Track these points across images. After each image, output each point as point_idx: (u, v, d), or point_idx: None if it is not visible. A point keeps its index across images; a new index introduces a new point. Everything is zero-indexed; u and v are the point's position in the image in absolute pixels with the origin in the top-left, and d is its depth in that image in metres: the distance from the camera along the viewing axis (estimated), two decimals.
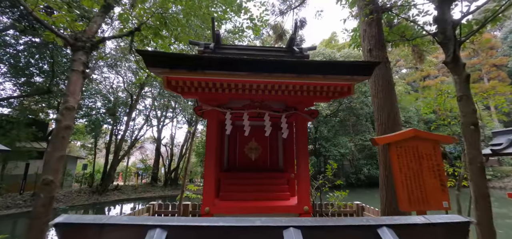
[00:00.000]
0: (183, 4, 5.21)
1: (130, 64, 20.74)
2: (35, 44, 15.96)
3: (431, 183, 2.39)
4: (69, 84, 3.19)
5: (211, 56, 2.74)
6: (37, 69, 17.58)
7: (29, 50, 16.21)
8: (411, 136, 2.45)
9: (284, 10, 9.08)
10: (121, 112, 24.63)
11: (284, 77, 2.62)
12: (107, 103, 23.91)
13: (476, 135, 2.95)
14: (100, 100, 23.77)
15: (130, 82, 23.08)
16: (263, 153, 4.22)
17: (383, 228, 1.03)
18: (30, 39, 15.61)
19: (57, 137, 2.94)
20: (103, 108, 23.78)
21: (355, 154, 26.34)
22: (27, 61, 16.69)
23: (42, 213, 2.70)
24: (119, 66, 21.32)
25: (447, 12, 3.51)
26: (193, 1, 5.36)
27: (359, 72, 2.55)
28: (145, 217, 1.01)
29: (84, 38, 3.46)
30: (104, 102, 23.70)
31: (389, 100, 4.07)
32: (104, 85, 24.13)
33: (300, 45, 4.88)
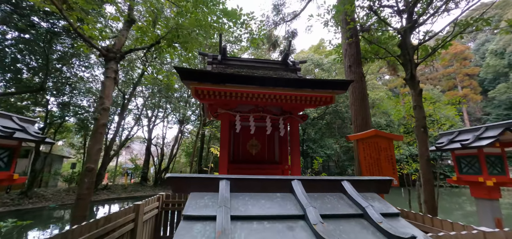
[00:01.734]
0: (189, 20, 5.97)
1: (123, 63, 20.89)
2: (22, 40, 15.84)
3: (386, 167, 3.35)
4: (103, 89, 3.86)
5: (230, 73, 3.55)
6: (24, 66, 17.42)
7: (17, 46, 16.07)
8: (373, 134, 3.41)
9: (278, 22, 10.02)
10: (112, 111, 24.56)
11: (283, 90, 3.50)
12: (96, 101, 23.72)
13: (424, 136, 3.97)
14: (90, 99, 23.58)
15: (122, 81, 23.11)
16: (262, 149, 5.07)
17: (344, 181, 1.92)
18: (19, 35, 15.54)
19: (96, 133, 3.59)
20: (92, 107, 23.61)
21: (340, 156, 27.85)
22: (14, 57, 16.52)
23: (87, 194, 3.32)
24: None
25: (408, 40, 4.54)
26: (198, 17, 6.14)
27: (338, 87, 3.48)
28: (218, 175, 1.82)
29: (115, 50, 4.13)
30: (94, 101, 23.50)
31: (363, 107, 5.07)
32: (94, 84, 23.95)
33: (292, 52, 5.77)
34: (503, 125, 3.50)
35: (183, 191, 1.75)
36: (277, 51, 12.18)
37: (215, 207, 1.48)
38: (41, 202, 17.81)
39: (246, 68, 5.08)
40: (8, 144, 3.20)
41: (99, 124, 3.57)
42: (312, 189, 1.82)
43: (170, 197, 6.31)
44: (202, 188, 1.72)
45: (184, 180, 1.73)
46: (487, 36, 46.36)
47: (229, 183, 1.76)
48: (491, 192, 3.56)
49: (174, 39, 5.24)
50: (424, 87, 37.37)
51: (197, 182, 1.72)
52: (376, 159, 3.33)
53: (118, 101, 24.24)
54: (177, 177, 1.74)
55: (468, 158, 3.80)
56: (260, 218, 1.43)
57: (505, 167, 3.64)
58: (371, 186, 1.95)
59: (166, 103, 27.82)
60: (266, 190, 1.78)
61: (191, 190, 1.71)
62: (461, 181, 3.88)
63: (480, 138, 3.63)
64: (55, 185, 24.35)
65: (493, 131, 3.58)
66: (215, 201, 1.57)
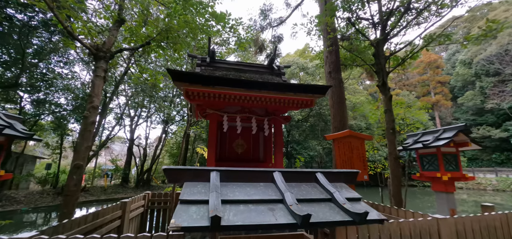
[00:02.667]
0: (178, 20, 6.12)
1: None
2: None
3: (357, 164, 3.75)
4: (93, 87, 3.93)
5: (218, 76, 3.78)
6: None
7: None
8: (347, 135, 3.81)
9: (265, 26, 10.36)
10: None
11: (267, 93, 3.79)
12: (75, 100, 22.72)
13: (393, 137, 4.47)
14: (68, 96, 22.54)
15: None
16: (247, 148, 5.33)
17: (318, 173, 2.24)
18: None
19: (85, 131, 3.66)
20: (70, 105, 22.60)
21: (323, 157, 28.79)
22: None
23: (74, 191, 3.37)
24: None
25: (380, 50, 5.05)
26: (187, 20, 6.31)
27: (317, 92, 3.84)
28: (209, 167, 2.06)
29: (105, 49, 4.20)
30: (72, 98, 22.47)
31: (341, 110, 5.52)
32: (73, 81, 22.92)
33: (278, 56, 6.09)
34: (457, 128, 4.04)
35: (177, 181, 1.97)
36: (264, 54, 12.56)
37: (208, 193, 1.72)
38: (11, 205, 16.82)
39: (234, 71, 5.33)
40: None
41: (88, 122, 3.62)
42: (291, 179, 2.12)
43: (156, 196, 6.40)
44: (195, 178, 1.95)
45: (179, 171, 1.96)
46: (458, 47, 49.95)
47: (219, 174, 2.01)
48: (447, 186, 4.09)
49: (164, 40, 5.38)
50: (401, 93, 39.65)
51: (191, 173, 1.96)
52: (349, 157, 3.74)
53: None
54: (173, 169, 1.96)
55: (428, 156, 4.33)
56: (246, 202, 1.70)
57: (458, 164, 4.19)
58: (340, 177, 2.29)
59: (150, 102, 27.21)
60: (251, 180, 2.06)
61: (185, 180, 1.94)
62: (423, 176, 4.40)
63: (438, 139, 4.16)
64: (27, 187, 22.96)
65: (449, 133, 4.12)
66: (207, 189, 1.81)
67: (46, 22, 15.85)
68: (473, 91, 39.55)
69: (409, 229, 2.95)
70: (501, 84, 35.40)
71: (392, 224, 2.89)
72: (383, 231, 2.83)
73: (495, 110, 35.97)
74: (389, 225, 2.85)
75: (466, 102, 39.78)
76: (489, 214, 3.47)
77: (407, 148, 4.46)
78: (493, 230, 3.42)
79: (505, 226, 3.51)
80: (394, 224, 2.90)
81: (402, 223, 2.93)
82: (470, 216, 3.35)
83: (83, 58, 20.20)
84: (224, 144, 5.25)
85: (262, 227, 1.46)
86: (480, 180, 26.68)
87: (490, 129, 34.90)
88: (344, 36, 6.98)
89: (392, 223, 2.90)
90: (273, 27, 10.09)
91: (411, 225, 2.97)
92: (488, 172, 28.35)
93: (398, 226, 2.90)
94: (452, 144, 4.05)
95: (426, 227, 3.06)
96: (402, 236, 2.91)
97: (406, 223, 2.95)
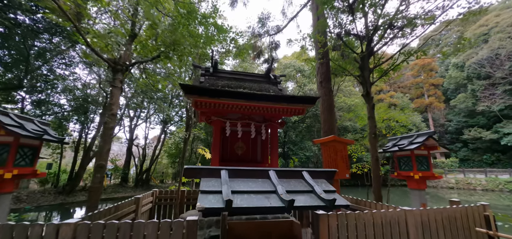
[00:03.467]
0: (181, 31, 6.71)
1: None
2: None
3: (341, 165, 4.39)
4: (112, 97, 4.50)
5: (223, 89, 4.38)
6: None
7: None
8: (332, 139, 4.44)
9: (262, 34, 10.98)
10: (92, 110, 24.03)
11: (265, 103, 4.41)
12: (75, 100, 23.09)
13: (374, 140, 5.12)
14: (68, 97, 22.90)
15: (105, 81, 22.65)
16: (246, 150, 5.94)
17: (304, 171, 2.86)
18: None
19: (106, 135, 4.23)
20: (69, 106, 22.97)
21: (319, 157, 29.48)
22: None
23: (98, 187, 3.94)
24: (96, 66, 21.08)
25: (365, 64, 5.69)
26: (190, 30, 6.90)
27: (308, 102, 4.47)
28: (219, 167, 2.67)
29: (121, 63, 4.77)
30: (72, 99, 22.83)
31: (330, 117, 6.16)
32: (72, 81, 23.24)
33: (276, 61, 6.68)
34: (427, 133, 4.71)
35: (195, 177, 2.58)
36: (261, 59, 13.20)
37: (220, 186, 2.33)
38: (15, 203, 17.23)
39: (234, 80, 5.95)
40: (33, 143, 3.79)
41: (108, 127, 4.18)
42: (283, 176, 2.74)
43: (162, 193, 6.99)
44: (209, 175, 2.56)
45: (197, 170, 2.57)
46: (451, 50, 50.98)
47: (227, 172, 2.62)
48: (419, 184, 4.75)
49: (171, 52, 5.96)
50: (395, 95, 40.50)
51: (206, 171, 2.57)
52: (334, 158, 4.37)
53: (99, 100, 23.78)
54: (192, 168, 2.57)
55: (404, 158, 4.98)
56: (248, 192, 2.31)
57: (429, 164, 4.85)
58: (321, 175, 2.91)
59: (149, 103, 27.64)
60: (252, 176, 2.67)
61: (201, 176, 2.55)
62: (400, 175, 5.05)
63: (412, 143, 4.82)
64: (27, 186, 23.29)
65: (421, 138, 4.78)
66: (219, 183, 2.42)
67: (50, 26, 16.27)
68: (465, 93, 40.64)
69: (380, 218, 3.59)
70: (491, 87, 36.50)
71: (367, 213, 3.53)
72: (359, 219, 3.47)
73: (486, 112, 37.06)
74: (364, 215, 3.49)
75: (458, 104, 40.85)
76: (450, 207, 4.13)
77: (387, 150, 5.11)
78: (454, 221, 4.07)
79: (464, 218, 4.17)
80: (368, 213, 3.54)
81: (375, 213, 3.57)
82: (434, 208, 4.01)
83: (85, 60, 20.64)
84: (226, 146, 5.86)
85: (260, 209, 2.07)
86: (471, 180, 27.61)
87: (481, 130, 35.95)
88: (335, 46, 7.63)
89: (367, 213, 3.54)
90: (271, 35, 10.75)
91: (382, 215, 3.61)
92: (478, 172, 29.31)
93: (371, 216, 3.54)
94: (423, 147, 4.71)
95: (396, 217, 3.71)
96: (375, 224, 3.55)
97: (378, 213, 3.60)
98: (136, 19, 5.27)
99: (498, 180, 25.24)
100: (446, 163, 34.23)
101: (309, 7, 8.15)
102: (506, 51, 35.28)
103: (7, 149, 3.38)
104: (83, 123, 22.77)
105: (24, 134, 3.36)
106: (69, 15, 3.78)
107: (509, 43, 35.95)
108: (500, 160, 34.71)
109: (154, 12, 6.11)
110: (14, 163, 3.46)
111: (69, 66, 20.37)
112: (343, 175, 4.44)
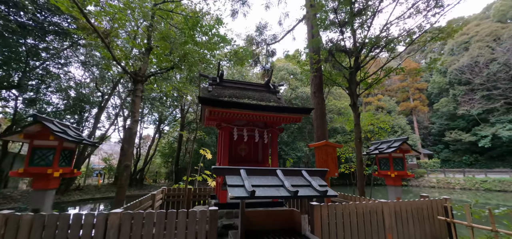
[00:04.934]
0: (185, 39, 7.40)
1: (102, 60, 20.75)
2: None
3: (331, 165, 5.25)
4: (133, 105, 5.14)
5: (234, 101, 5.13)
6: None
7: None
8: (324, 144, 5.29)
9: (260, 42, 11.77)
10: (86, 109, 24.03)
11: (268, 113, 5.20)
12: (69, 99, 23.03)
13: (360, 144, 6.03)
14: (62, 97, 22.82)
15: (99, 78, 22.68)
16: (249, 152, 6.72)
17: (303, 170, 3.67)
18: None
19: (130, 139, 4.86)
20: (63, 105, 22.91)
21: (310, 158, 30.62)
22: None
23: (125, 184, 4.56)
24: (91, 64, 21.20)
25: (353, 78, 6.59)
26: (195, 39, 7.60)
27: (304, 112, 5.30)
28: (238, 167, 3.43)
29: (141, 74, 5.41)
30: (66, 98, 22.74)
31: (322, 123, 7.03)
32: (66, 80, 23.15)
33: (273, 67, 7.49)
34: (402, 139, 5.65)
35: (221, 175, 3.32)
36: (259, 66, 14.01)
37: (241, 181, 3.09)
38: (9, 203, 17.27)
39: (239, 89, 6.71)
40: (71, 146, 4.42)
41: (132, 132, 4.81)
42: (287, 174, 3.53)
43: (171, 191, 7.65)
44: (231, 173, 3.32)
45: (221, 169, 3.32)
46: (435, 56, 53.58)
47: (245, 171, 3.39)
48: (395, 181, 5.68)
49: (183, 64, 6.65)
50: (382, 98, 42.26)
51: (229, 170, 3.32)
52: (325, 160, 5.21)
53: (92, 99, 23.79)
54: (219, 168, 3.32)
55: (384, 159, 5.91)
56: (263, 186, 3.08)
57: (404, 165, 5.79)
58: (316, 173, 3.73)
59: (144, 103, 27.81)
60: (263, 174, 3.45)
61: (225, 174, 3.30)
62: (380, 174, 5.97)
63: (390, 147, 5.75)
64: (16, 186, 23.14)
65: (397, 143, 5.71)
66: (240, 179, 3.18)
67: (42, 25, 16.36)
68: (447, 98, 42.99)
69: (362, 208, 4.47)
70: (471, 92, 38.87)
71: (351, 204, 4.40)
72: (345, 209, 4.33)
73: (465, 116, 39.42)
74: (348, 205, 4.35)
75: (441, 108, 43.16)
76: (419, 200, 5.07)
77: (369, 153, 6.03)
78: (421, 211, 5.01)
79: (430, 209, 5.11)
80: (352, 204, 4.41)
81: (357, 204, 4.44)
82: (405, 201, 4.93)
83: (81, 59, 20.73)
84: (231, 148, 6.62)
85: (273, 197, 2.85)
86: (450, 180, 29.48)
87: (461, 133, 38.23)
88: (327, 58, 8.53)
89: (351, 204, 4.40)
90: (268, 44, 11.54)
91: (363, 206, 4.49)
92: (457, 172, 31.28)
93: (355, 206, 4.41)
94: (399, 150, 5.64)
95: (374, 207, 4.60)
96: (357, 213, 4.42)
97: (360, 204, 4.47)
98: (152, 34, 5.91)
99: (475, 180, 27.15)
100: (429, 163, 36.21)
101: (304, 22, 9.03)
102: (485, 59, 37.72)
103: (53, 152, 4.01)
104: (78, 123, 22.77)
105: (69, 139, 4.01)
106: (101, 34, 4.40)
107: (487, 52, 38.44)
108: (478, 160, 37.09)
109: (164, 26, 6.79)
110: (59, 163, 4.09)
111: (64, 66, 20.37)
112: (333, 174, 5.31)
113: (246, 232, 3.53)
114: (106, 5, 5.00)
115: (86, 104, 22.63)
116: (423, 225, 4.88)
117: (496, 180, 25.54)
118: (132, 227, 3.39)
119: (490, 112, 36.13)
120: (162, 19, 6.95)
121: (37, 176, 3.90)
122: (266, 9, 12.59)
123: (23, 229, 3.22)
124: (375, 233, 4.45)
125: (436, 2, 7.14)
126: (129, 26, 5.94)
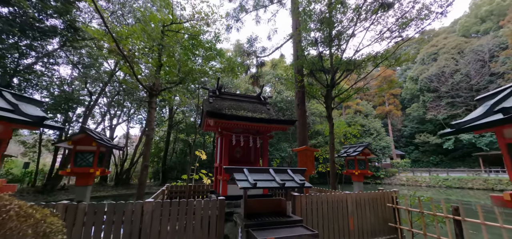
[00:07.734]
0: (184, 51, 8.54)
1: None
2: None
3: (310, 165, 6.71)
4: (149, 115, 6.21)
5: (234, 114, 6.38)
6: None
7: None
8: (305, 149, 6.74)
9: (251, 53, 13.06)
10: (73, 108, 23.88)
11: (261, 123, 6.54)
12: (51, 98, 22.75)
13: (333, 149, 7.60)
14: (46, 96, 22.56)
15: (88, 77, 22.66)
16: (243, 154, 8.02)
17: (288, 169, 5.05)
18: None
19: (148, 143, 5.91)
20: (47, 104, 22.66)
21: (293, 158, 32.46)
22: None
23: (144, 181, 5.60)
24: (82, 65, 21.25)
25: (329, 94, 8.12)
26: (194, 52, 8.75)
27: (290, 123, 6.70)
28: (242, 166, 4.71)
29: (155, 89, 6.47)
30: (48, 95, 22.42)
31: (304, 131, 8.49)
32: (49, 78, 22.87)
33: (261, 75, 8.83)
34: (364, 145, 7.23)
35: (230, 173, 4.59)
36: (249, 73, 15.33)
37: (245, 177, 4.38)
38: None
39: (235, 101, 7.99)
40: (104, 150, 5.45)
41: (150, 138, 5.86)
42: (276, 172, 4.88)
43: (173, 188, 8.73)
44: (237, 171, 4.60)
45: (231, 169, 4.60)
46: (409, 65, 57.99)
47: (247, 170, 4.69)
48: (358, 178, 7.25)
49: (188, 79, 7.79)
50: (360, 103, 45.19)
51: (236, 169, 4.60)
52: (305, 161, 6.64)
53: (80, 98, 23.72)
54: (229, 168, 4.59)
55: (351, 161, 7.47)
56: (260, 180, 4.40)
57: (366, 165, 7.38)
58: (298, 171, 5.11)
59: (131, 103, 27.99)
60: (259, 172, 4.77)
61: (233, 172, 4.58)
62: (348, 172, 7.53)
63: (355, 151, 7.31)
64: None
65: (360, 148, 7.29)
66: (244, 175, 4.47)
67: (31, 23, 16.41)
68: (417, 103, 46.96)
69: (331, 198, 5.94)
70: (438, 99, 42.90)
71: (323, 195, 5.85)
72: (319, 198, 5.78)
73: (433, 120, 43.42)
74: (322, 196, 5.80)
75: (412, 112, 47.06)
76: (374, 192, 6.65)
77: (340, 156, 7.57)
78: (375, 200, 6.59)
79: (382, 198, 6.71)
80: (324, 195, 5.86)
81: (328, 195, 5.91)
82: (364, 192, 6.48)
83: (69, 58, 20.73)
84: (228, 152, 7.87)
85: (269, 187, 4.19)
86: (418, 178, 32.67)
87: (429, 135, 42.07)
88: (310, 73, 10.05)
89: (323, 195, 5.86)
90: (258, 57, 12.88)
91: (332, 196, 5.97)
92: (424, 171, 34.67)
93: (326, 197, 5.87)
94: (362, 154, 7.23)
95: (340, 197, 6.09)
96: (328, 201, 5.88)
97: (330, 195, 5.94)
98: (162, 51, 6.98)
99: (438, 178, 30.41)
100: (401, 163, 39.55)
101: (291, 41, 10.49)
102: (450, 69, 41.84)
103: (93, 155, 5.07)
104: (64, 122, 22.64)
105: (107, 145, 5.07)
106: (127, 58, 5.43)
107: (452, 63, 42.64)
108: (443, 160, 41.11)
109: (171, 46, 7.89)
110: (97, 164, 5.15)
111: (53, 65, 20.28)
112: (311, 172, 6.75)
113: (247, 214, 4.83)
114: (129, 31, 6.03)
115: (74, 104, 22.53)
116: (377, 211, 6.46)
117: (456, 178, 28.88)
118: (162, 212, 4.57)
119: (454, 118, 40.18)
120: (169, 39, 8.05)
121: (80, 174, 4.93)
122: (257, 23, 13.94)
123: (79, 215, 4.27)
124: (340, 217, 5.94)
125: (399, 33, 8.88)
126: (144, 46, 6.98)
